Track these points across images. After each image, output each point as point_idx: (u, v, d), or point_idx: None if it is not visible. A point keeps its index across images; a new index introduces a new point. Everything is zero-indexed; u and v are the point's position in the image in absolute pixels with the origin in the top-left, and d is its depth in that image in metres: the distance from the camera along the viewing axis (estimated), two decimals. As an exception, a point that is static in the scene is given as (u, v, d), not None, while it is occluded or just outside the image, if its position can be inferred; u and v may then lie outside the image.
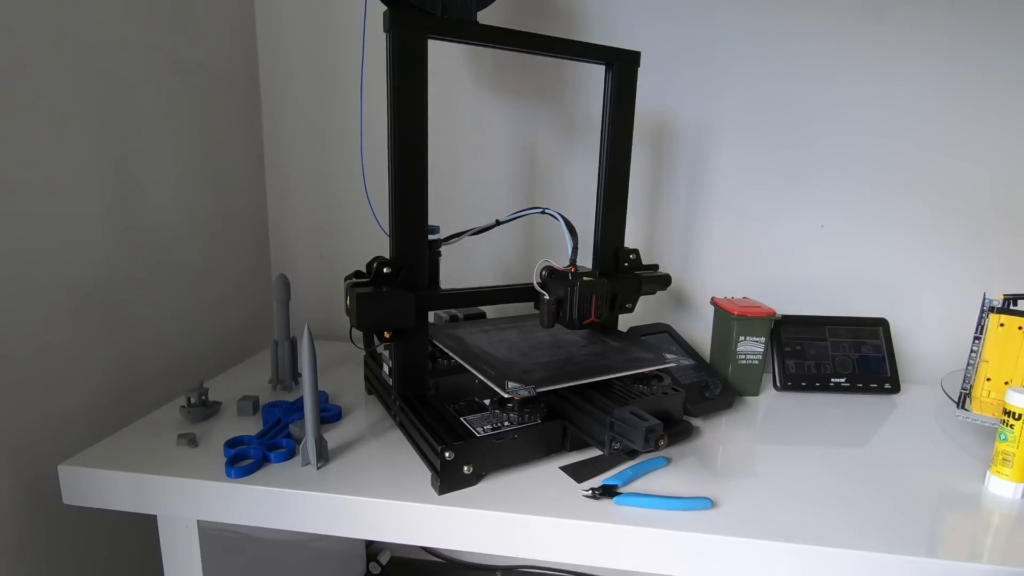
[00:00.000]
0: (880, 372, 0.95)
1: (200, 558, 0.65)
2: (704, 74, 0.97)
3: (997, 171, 0.94)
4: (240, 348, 1.01)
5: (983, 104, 0.92)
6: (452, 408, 0.68)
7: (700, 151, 1.00)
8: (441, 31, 0.63)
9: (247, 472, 0.61)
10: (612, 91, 0.74)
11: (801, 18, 0.93)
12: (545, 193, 1.05)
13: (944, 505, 0.62)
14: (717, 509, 0.59)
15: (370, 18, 0.72)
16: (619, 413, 0.59)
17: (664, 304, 1.06)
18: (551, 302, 0.69)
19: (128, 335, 0.80)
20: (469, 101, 1.02)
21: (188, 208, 0.90)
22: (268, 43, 1.04)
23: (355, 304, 0.61)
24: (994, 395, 0.81)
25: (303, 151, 1.08)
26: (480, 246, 0.96)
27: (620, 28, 0.97)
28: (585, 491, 0.60)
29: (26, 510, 0.66)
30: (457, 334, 0.78)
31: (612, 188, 0.78)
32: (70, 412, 0.71)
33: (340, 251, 1.11)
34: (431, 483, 0.60)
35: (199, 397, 0.73)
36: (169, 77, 0.84)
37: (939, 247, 0.98)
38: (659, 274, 0.81)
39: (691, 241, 1.04)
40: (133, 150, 0.79)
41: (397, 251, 0.65)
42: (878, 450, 0.74)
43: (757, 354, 0.89)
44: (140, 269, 0.81)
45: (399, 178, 0.64)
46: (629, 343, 0.77)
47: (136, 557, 0.81)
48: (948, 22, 0.90)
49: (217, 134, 0.96)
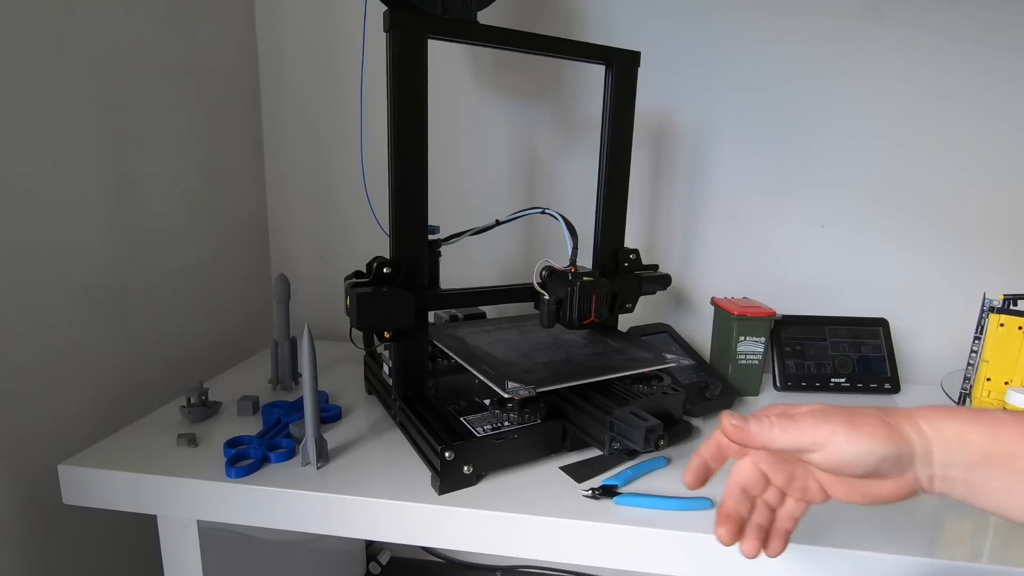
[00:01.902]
0: (880, 372, 0.95)
1: (200, 558, 0.65)
2: (704, 74, 0.97)
3: (998, 171, 0.94)
4: (240, 348, 1.01)
5: (984, 104, 0.92)
6: (452, 408, 0.68)
7: (700, 151, 1.00)
8: (441, 31, 0.63)
9: (247, 472, 0.61)
10: (612, 91, 0.74)
11: (801, 18, 0.93)
12: (545, 193, 1.05)
13: (944, 505, 0.62)
14: (717, 509, 0.59)
15: (370, 18, 0.72)
16: (619, 413, 0.59)
17: (664, 304, 1.06)
18: (551, 302, 0.69)
19: (128, 335, 0.80)
20: (469, 101, 1.02)
21: (188, 208, 0.90)
22: (268, 43, 1.04)
23: (355, 304, 0.61)
24: (994, 395, 0.81)
25: (303, 151, 1.07)
26: (480, 246, 0.96)
27: (620, 28, 0.97)
28: (585, 491, 0.60)
29: (26, 510, 0.66)
30: (457, 334, 0.78)
31: (612, 188, 0.78)
32: (70, 412, 0.71)
33: (340, 251, 1.11)
34: (431, 483, 0.60)
35: (199, 397, 0.73)
36: (169, 77, 0.84)
37: (939, 247, 0.98)
38: (659, 274, 0.81)
39: (691, 241, 1.04)
40: (133, 150, 0.79)
41: (397, 251, 0.65)
42: (878, 450, 0.74)
43: (757, 354, 0.89)
44: (140, 269, 0.81)
45: (399, 178, 0.64)
46: (629, 343, 0.77)
47: (136, 557, 0.80)
48: (948, 22, 0.90)
49: (217, 134, 0.96)
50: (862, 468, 0.37)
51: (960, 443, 0.37)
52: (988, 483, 0.36)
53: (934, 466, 0.37)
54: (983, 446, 0.36)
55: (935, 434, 0.37)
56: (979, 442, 0.36)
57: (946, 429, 0.37)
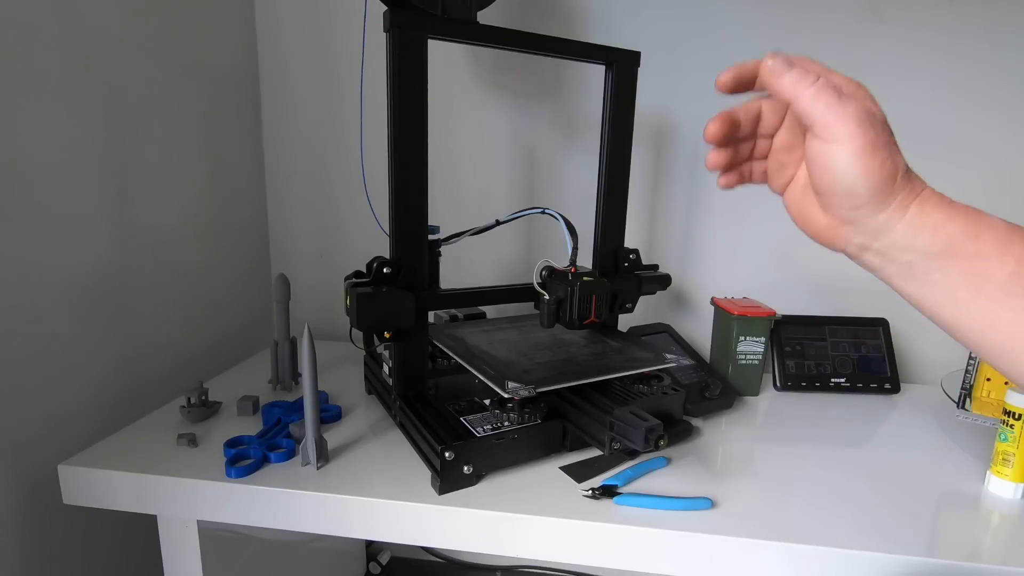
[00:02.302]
0: (880, 372, 0.95)
1: (200, 558, 0.65)
2: (704, 74, 0.97)
3: (997, 171, 0.94)
4: (240, 348, 1.01)
5: (983, 103, 0.92)
6: (452, 408, 0.68)
7: (700, 151, 1.00)
8: (441, 31, 0.63)
9: (247, 472, 0.61)
10: (612, 91, 0.74)
11: (802, 17, 0.93)
12: (545, 193, 1.05)
13: (944, 505, 0.62)
14: (717, 509, 0.59)
15: (370, 18, 0.72)
16: (619, 413, 0.59)
17: (664, 304, 1.06)
18: (551, 302, 0.69)
19: (128, 335, 0.80)
20: (469, 101, 1.02)
21: (188, 208, 0.90)
22: (268, 43, 1.04)
23: (355, 304, 0.61)
24: (994, 395, 0.81)
25: (303, 151, 1.07)
26: (480, 246, 0.96)
27: (620, 28, 0.97)
28: (585, 491, 0.60)
29: (26, 510, 0.66)
30: (457, 334, 0.78)
31: (612, 188, 0.78)
32: (71, 412, 0.71)
33: (340, 251, 1.11)
34: (431, 483, 0.60)
35: (199, 397, 0.73)
36: (169, 77, 0.84)
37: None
38: (659, 274, 0.81)
39: (691, 241, 1.04)
40: (133, 150, 0.79)
41: (397, 251, 0.65)
42: (878, 450, 0.74)
43: (757, 354, 0.89)
44: (140, 269, 0.81)
45: (399, 178, 0.64)
46: (629, 343, 0.77)
47: (136, 557, 0.80)
48: (948, 21, 0.90)
49: (217, 134, 0.96)
50: (832, 185, 0.36)
51: (933, 231, 0.34)
52: (932, 275, 0.35)
53: (882, 240, 0.36)
54: (956, 239, 0.34)
55: (916, 214, 0.35)
56: (954, 235, 0.34)
57: (929, 213, 0.35)
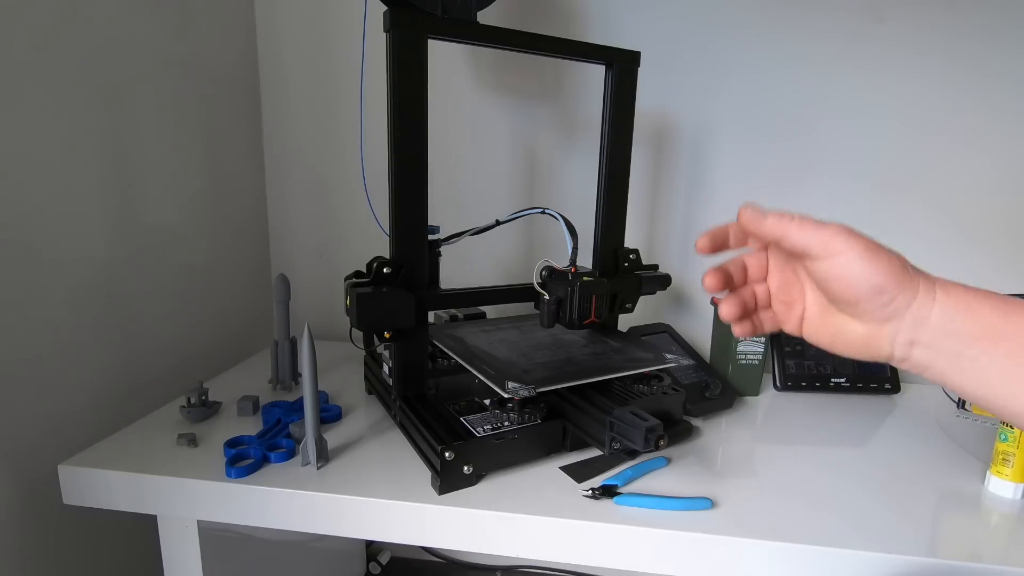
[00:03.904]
0: (880, 372, 0.95)
1: (200, 558, 0.65)
2: (704, 74, 0.97)
3: (997, 170, 0.94)
4: (240, 348, 1.01)
5: (983, 103, 0.92)
6: (452, 408, 0.68)
7: (700, 151, 1.00)
8: (441, 31, 0.63)
9: (247, 472, 0.61)
10: (612, 91, 0.74)
11: (801, 17, 0.93)
12: (545, 193, 1.05)
13: (944, 505, 0.62)
14: (717, 509, 0.59)
15: (370, 18, 0.72)
16: (619, 413, 0.59)
17: (664, 304, 1.06)
18: (551, 302, 0.69)
19: (128, 335, 0.80)
20: (469, 101, 1.02)
21: (188, 208, 0.90)
22: (268, 43, 1.04)
23: (355, 304, 0.61)
24: (994, 395, 0.81)
25: (303, 151, 1.07)
26: (480, 246, 0.96)
27: (620, 27, 0.97)
28: (585, 491, 0.60)
29: (26, 510, 0.66)
30: (457, 334, 0.78)
31: (612, 188, 0.78)
32: (71, 412, 0.71)
33: (340, 251, 1.11)
34: (431, 483, 0.60)
35: (199, 397, 0.73)
36: (169, 77, 0.84)
37: (939, 246, 0.98)
38: (659, 274, 0.81)
39: (691, 241, 1.04)
40: (133, 150, 0.79)
41: (397, 251, 0.65)
42: (878, 450, 0.74)
43: (757, 354, 0.89)
44: (140, 269, 0.81)
45: (399, 178, 0.64)
46: (629, 343, 0.77)
47: (136, 557, 0.80)
48: (948, 21, 0.90)
49: (217, 134, 0.96)
50: (859, 290, 0.35)
51: (968, 312, 0.34)
52: (980, 360, 0.34)
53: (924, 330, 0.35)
54: (991, 320, 0.34)
55: (945, 296, 0.35)
56: (988, 316, 0.34)
57: (958, 296, 0.35)
